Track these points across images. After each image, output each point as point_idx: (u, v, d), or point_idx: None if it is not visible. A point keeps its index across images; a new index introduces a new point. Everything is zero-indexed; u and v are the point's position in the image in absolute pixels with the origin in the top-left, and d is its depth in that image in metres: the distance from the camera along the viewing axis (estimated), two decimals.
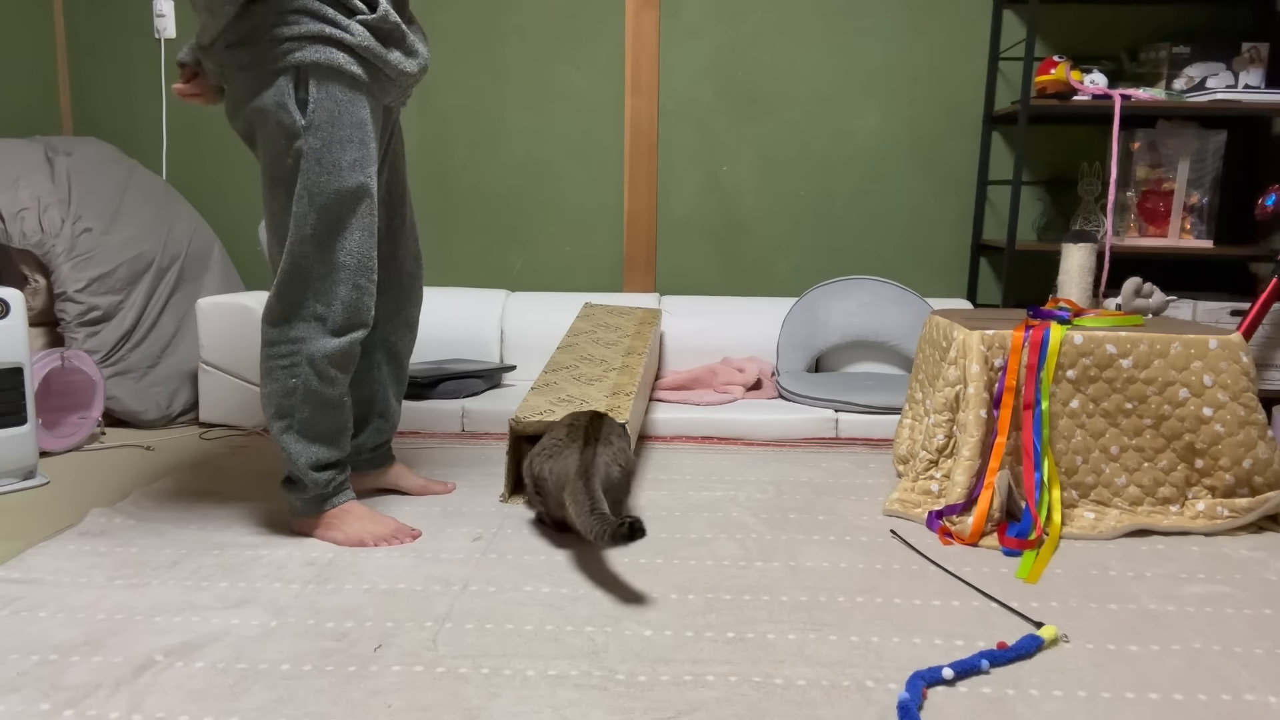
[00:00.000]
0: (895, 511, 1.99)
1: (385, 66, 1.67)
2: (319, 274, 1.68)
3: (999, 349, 1.95)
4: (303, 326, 1.70)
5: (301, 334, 1.70)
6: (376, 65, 1.66)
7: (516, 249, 3.29)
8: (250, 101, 1.64)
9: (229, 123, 1.74)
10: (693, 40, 3.13)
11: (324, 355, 1.70)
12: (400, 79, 1.72)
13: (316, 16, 1.59)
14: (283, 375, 1.72)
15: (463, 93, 3.21)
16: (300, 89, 1.61)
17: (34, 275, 2.63)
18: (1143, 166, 2.86)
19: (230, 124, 1.76)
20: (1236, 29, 2.94)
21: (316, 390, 1.72)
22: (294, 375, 1.71)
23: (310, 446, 1.77)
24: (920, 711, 1.22)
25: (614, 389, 2.25)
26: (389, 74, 1.69)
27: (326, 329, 1.70)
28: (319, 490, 1.79)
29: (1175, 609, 1.56)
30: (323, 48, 1.60)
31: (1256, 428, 1.91)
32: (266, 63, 1.60)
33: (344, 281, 1.69)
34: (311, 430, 1.76)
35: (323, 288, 1.69)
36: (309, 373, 1.70)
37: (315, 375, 1.71)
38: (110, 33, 3.25)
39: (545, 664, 1.34)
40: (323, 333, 1.70)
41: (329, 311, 1.70)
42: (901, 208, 3.19)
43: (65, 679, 1.29)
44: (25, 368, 2.12)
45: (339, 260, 1.68)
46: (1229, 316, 2.74)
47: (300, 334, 1.70)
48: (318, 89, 1.61)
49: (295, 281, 1.68)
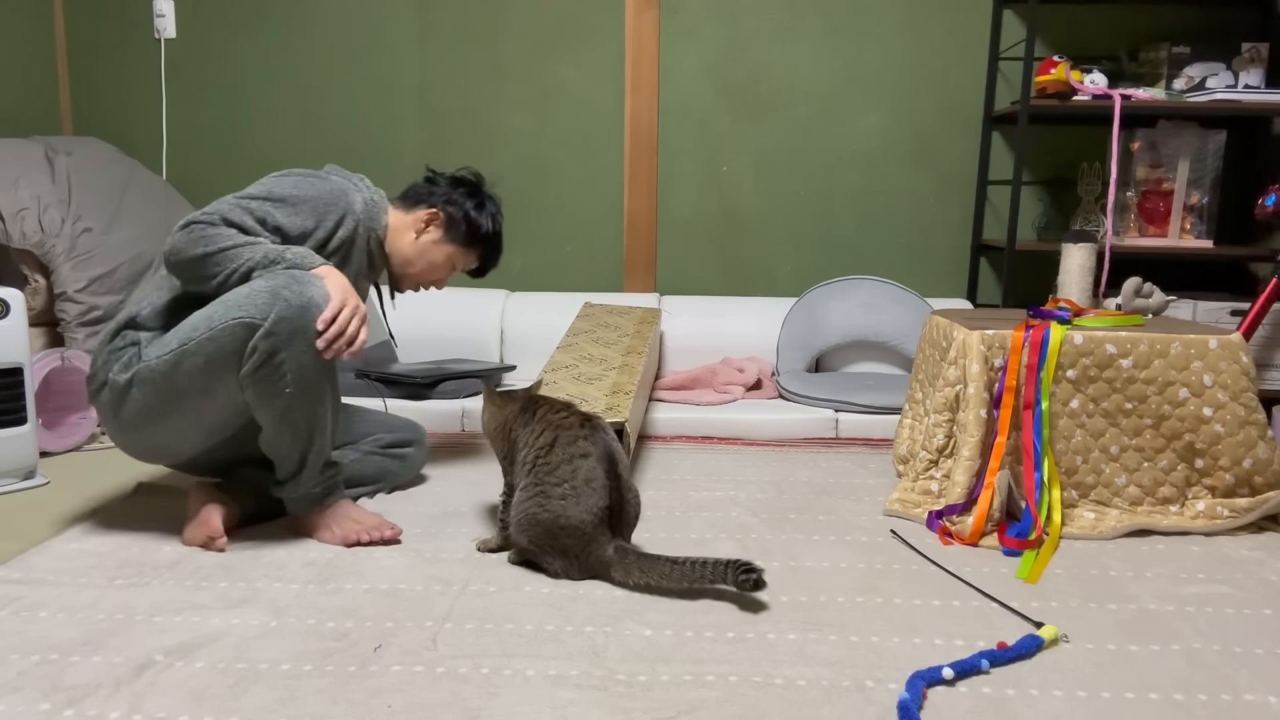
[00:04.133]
0: (895, 511, 1.99)
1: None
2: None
3: (999, 349, 1.95)
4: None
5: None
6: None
7: (516, 249, 3.29)
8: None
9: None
10: (693, 40, 3.13)
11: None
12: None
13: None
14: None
15: (463, 93, 3.21)
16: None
17: (34, 275, 2.63)
18: (1143, 166, 2.86)
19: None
20: (1236, 29, 2.94)
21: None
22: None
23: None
24: (920, 711, 1.22)
25: (614, 388, 2.25)
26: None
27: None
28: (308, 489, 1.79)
29: (1175, 609, 1.56)
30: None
31: (1256, 428, 1.91)
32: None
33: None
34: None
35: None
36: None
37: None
38: (110, 33, 3.25)
39: (545, 664, 1.34)
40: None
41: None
42: (901, 208, 3.19)
43: (65, 679, 1.29)
44: (25, 368, 2.11)
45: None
46: (1229, 316, 2.74)
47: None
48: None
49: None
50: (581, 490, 1.60)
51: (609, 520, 1.62)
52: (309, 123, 3.27)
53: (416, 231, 2.00)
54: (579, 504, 1.60)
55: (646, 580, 1.57)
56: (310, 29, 3.21)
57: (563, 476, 1.61)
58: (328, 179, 1.89)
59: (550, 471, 1.62)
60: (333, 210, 1.85)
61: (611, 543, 1.61)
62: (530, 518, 1.63)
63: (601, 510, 1.60)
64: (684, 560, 1.55)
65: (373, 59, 3.21)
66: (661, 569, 1.56)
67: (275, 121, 3.27)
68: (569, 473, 1.61)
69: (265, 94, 3.26)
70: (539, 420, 1.69)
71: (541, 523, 1.62)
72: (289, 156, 3.27)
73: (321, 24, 3.20)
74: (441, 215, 2.01)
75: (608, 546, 1.61)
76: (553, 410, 1.70)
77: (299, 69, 3.23)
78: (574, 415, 1.69)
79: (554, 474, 1.62)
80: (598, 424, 1.67)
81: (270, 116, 3.27)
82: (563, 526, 1.60)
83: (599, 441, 1.64)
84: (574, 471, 1.61)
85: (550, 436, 1.65)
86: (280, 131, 3.28)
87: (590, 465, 1.61)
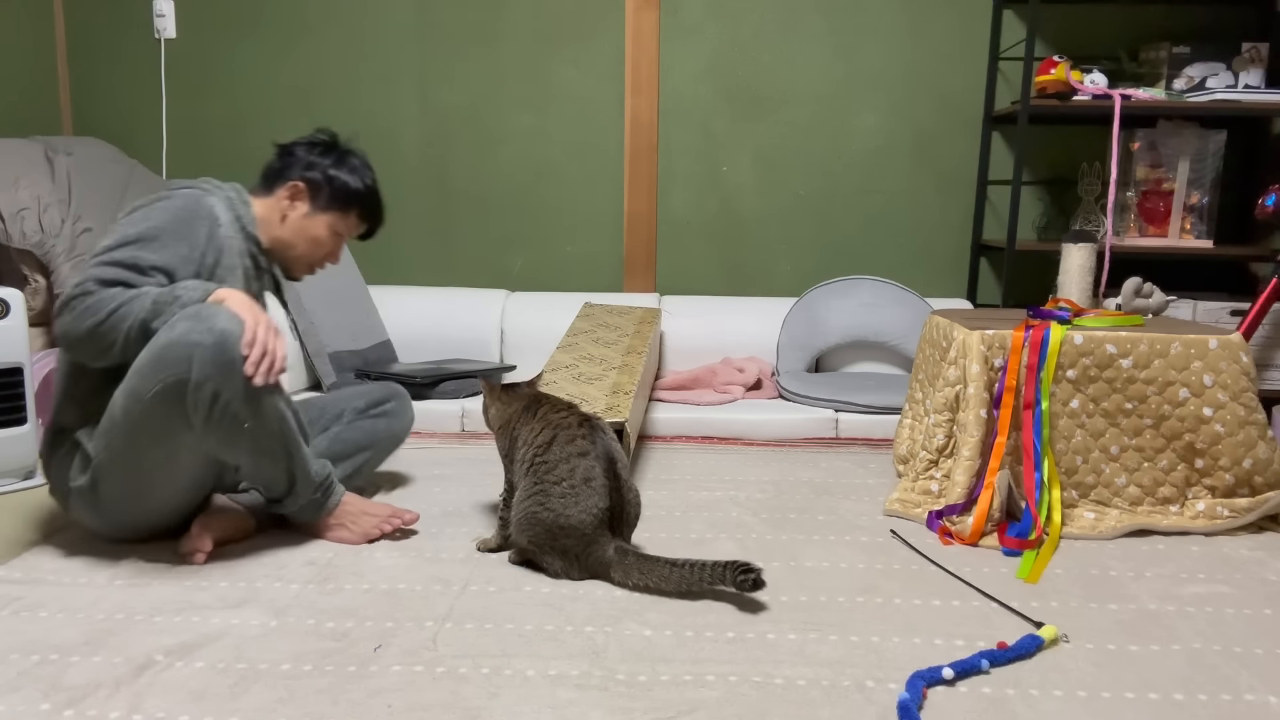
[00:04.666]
0: (895, 511, 1.99)
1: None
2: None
3: (999, 349, 1.95)
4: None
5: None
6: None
7: (516, 249, 3.29)
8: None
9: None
10: (693, 40, 3.13)
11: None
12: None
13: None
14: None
15: (463, 92, 3.21)
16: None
17: (34, 275, 2.63)
18: (1143, 166, 2.86)
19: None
20: (1236, 29, 2.94)
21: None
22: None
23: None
24: (920, 711, 1.22)
25: (614, 388, 2.25)
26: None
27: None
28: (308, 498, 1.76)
29: (1175, 609, 1.56)
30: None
31: (1256, 428, 1.91)
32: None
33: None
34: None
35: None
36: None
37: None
38: (110, 33, 3.25)
39: (545, 664, 1.34)
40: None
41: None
42: (901, 208, 3.19)
43: (65, 679, 1.29)
44: (25, 368, 2.11)
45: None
46: (1229, 316, 2.74)
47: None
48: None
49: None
50: (580, 490, 1.60)
51: (609, 521, 1.62)
52: (309, 123, 3.26)
53: (282, 212, 1.83)
54: (578, 503, 1.60)
55: (645, 582, 1.57)
56: (310, 29, 3.21)
57: (561, 475, 1.61)
58: (174, 195, 1.73)
59: (549, 470, 1.62)
60: (196, 223, 1.70)
61: (612, 543, 1.61)
62: (530, 517, 1.63)
63: (601, 511, 1.60)
64: (683, 563, 1.55)
65: (373, 58, 3.21)
66: (660, 571, 1.56)
67: (275, 121, 3.26)
68: (567, 471, 1.61)
69: (265, 93, 3.26)
70: (539, 419, 1.69)
71: (542, 522, 1.62)
72: None
73: (321, 24, 3.20)
74: (303, 185, 1.82)
75: (608, 547, 1.61)
76: (554, 410, 1.71)
77: (299, 69, 3.23)
78: (574, 415, 1.69)
79: (553, 473, 1.62)
80: (597, 424, 1.67)
81: (270, 116, 3.26)
82: (562, 526, 1.60)
83: (598, 441, 1.64)
84: (572, 470, 1.61)
85: (549, 435, 1.66)
86: (280, 131, 3.24)
87: (589, 465, 1.61)
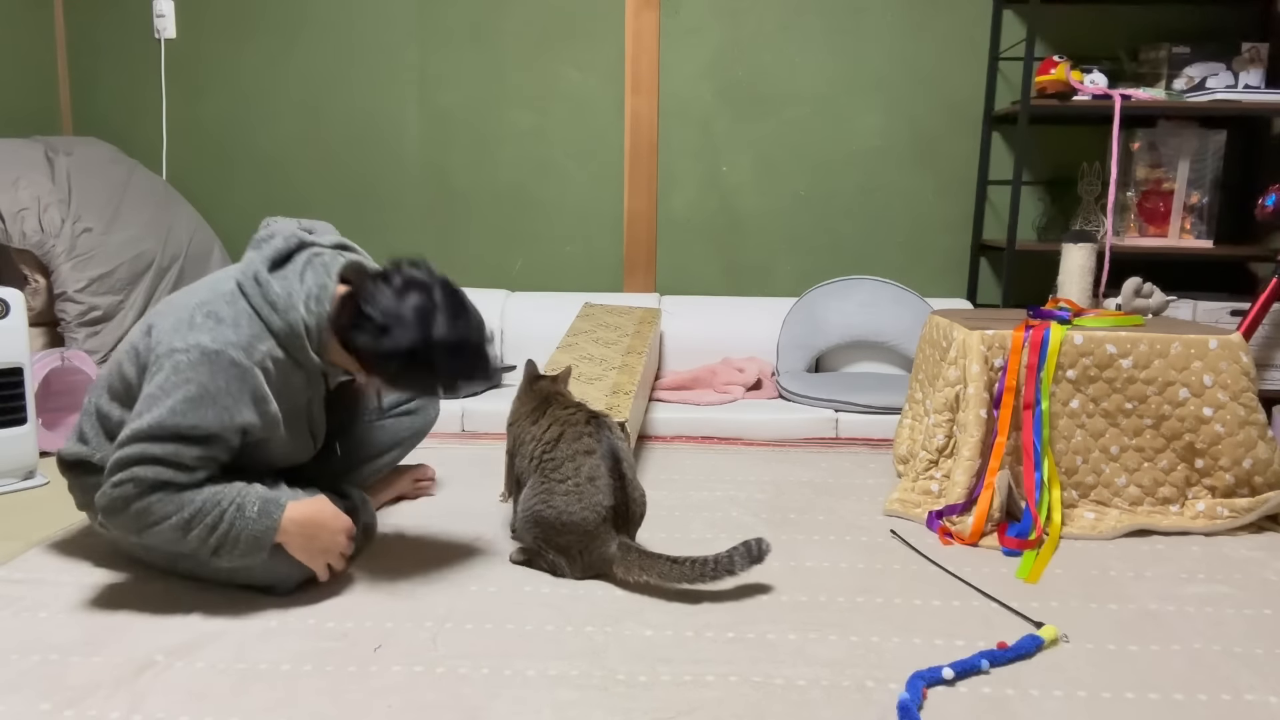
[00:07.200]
0: (895, 511, 1.99)
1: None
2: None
3: (999, 349, 1.95)
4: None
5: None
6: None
7: (516, 249, 3.29)
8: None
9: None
10: (693, 40, 3.13)
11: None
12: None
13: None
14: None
15: (463, 92, 3.21)
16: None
17: (34, 275, 2.63)
18: (1143, 166, 2.86)
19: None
20: (1236, 29, 2.94)
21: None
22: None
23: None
24: (920, 711, 1.22)
25: (614, 388, 2.25)
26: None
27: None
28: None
29: (1175, 609, 1.56)
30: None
31: (1256, 428, 1.91)
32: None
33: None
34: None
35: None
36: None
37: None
38: (110, 33, 3.25)
39: (545, 664, 1.34)
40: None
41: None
42: (901, 208, 3.18)
43: (65, 679, 1.29)
44: (25, 368, 2.11)
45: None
46: (1229, 316, 2.74)
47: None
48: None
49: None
50: (585, 488, 1.61)
51: (614, 518, 1.62)
52: (309, 123, 3.27)
53: (344, 359, 1.56)
54: (581, 501, 1.60)
55: (647, 577, 1.57)
56: (310, 29, 3.21)
57: (567, 474, 1.62)
58: (218, 325, 1.44)
59: (555, 468, 1.63)
60: (250, 353, 1.45)
61: (615, 540, 1.61)
62: (535, 514, 1.64)
63: (605, 508, 1.60)
64: (685, 560, 1.55)
65: (373, 58, 3.21)
66: (662, 568, 1.56)
67: (275, 121, 3.26)
68: (573, 469, 1.62)
69: (265, 94, 3.26)
70: (548, 416, 1.72)
71: (546, 520, 1.62)
72: (289, 156, 3.27)
73: (321, 24, 3.20)
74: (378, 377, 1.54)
75: (611, 543, 1.61)
76: (562, 407, 1.73)
77: (299, 69, 3.23)
78: (581, 412, 1.71)
79: (558, 470, 1.63)
80: (604, 422, 1.69)
81: (270, 116, 3.27)
82: (565, 524, 1.61)
83: (604, 439, 1.65)
84: (578, 469, 1.62)
85: (557, 431, 1.67)
86: (280, 131, 3.28)
87: (594, 463, 1.62)
